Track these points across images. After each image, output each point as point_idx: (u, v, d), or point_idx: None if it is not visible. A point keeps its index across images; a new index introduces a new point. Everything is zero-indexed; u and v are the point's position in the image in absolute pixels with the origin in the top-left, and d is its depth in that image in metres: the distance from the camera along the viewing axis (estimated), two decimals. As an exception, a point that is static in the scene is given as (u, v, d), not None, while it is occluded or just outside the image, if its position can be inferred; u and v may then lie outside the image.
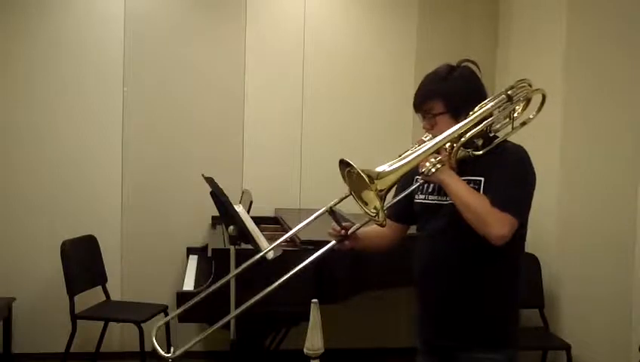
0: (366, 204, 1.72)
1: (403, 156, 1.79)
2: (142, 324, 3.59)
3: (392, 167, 1.73)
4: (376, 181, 1.67)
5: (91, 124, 4.18)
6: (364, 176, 1.65)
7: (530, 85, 1.96)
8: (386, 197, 1.71)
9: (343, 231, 1.88)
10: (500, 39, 4.47)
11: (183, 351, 1.72)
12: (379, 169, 1.71)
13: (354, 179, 1.71)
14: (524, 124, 1.99)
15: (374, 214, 1.70)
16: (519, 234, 1.84)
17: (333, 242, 1.89)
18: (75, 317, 3.64)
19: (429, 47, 4.47)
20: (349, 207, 1.93)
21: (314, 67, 4.40)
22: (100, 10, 4.17)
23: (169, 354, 1.73)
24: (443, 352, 1.95)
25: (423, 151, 1.79)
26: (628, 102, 3.20)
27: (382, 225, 1.73)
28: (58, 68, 4.13)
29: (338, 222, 1.87)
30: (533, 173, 1.86)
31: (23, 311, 4.06)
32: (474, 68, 1.95)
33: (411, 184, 1.95)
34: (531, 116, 2.03)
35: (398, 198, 1.98)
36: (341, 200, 1.83)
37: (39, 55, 4.11)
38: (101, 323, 3.90)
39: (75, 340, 3.66)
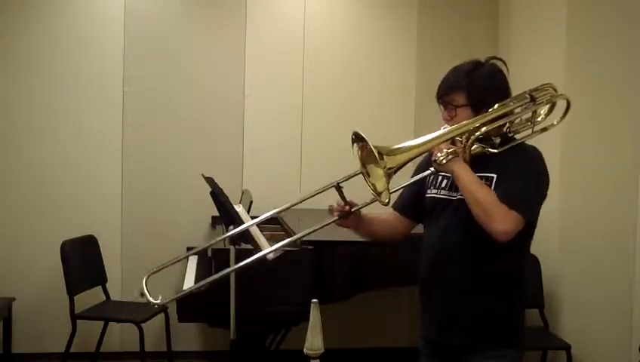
0: (374, 183, 1.75)
1: (417, 139, 1.80)
2: (142, 324, 3.58)
3: (403, 145, 1.75)
4: (385, 158, 1.68)
5: (91, 124, 4.17)
6: (374, 151, 1.66)
7: (555, 90, 1.95)
8: (392, 176, 1.71)
9: (347, 208, 1.89)
10: (500, 39, 4.47)
11: (171, 300, 1.84)
12: (394, 146, 1.73)
13: (365, 155, 1.73)
14: (544, 129, 1.97)
15: (380, 192, 1.72)
16: (526, 233, 1.83)
17: (336, 218, 1.90)
18: (75, 317, 3.63)
19: (429, 47, 4.47)
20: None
21: (314, 67, 4.39)
22: (99, 10, 4.16)
23: (157, 301, 1.77)
24: (446, 353, 1.93)
25: (438, 136, 1.80)
26: (628, 102, 3.20)
27: (386, 205, 1.75)
28: (58, 68, 4.13)
29: (344, 199, 1.88)
30: (547, 175, 1.85)
31: (23, 311, 4.06)
32: (501, 65, 1.94)
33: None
34: (555, 123, 1.99)
35: (406, 185, 1.98)
36: (349, 177, 1.84)
37: (39, 55, 4.10)
38: (101, 323, 3.90)
39: (75, 340, 3.66)
